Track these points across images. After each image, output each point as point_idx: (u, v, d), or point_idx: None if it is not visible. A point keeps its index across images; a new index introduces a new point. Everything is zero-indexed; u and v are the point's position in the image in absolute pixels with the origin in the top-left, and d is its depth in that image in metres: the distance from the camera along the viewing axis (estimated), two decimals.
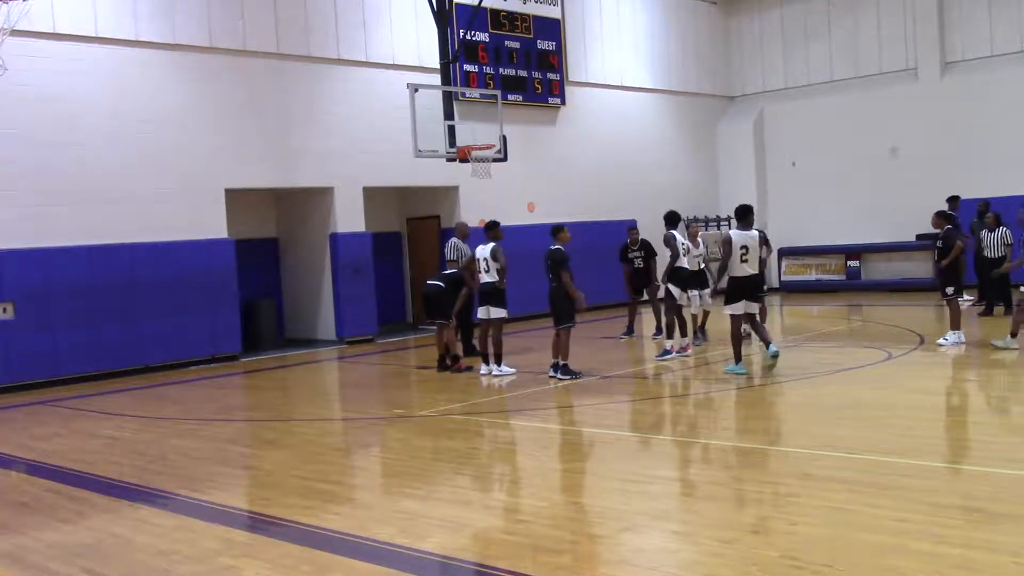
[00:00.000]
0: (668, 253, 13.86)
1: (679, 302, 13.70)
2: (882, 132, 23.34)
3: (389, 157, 18.04)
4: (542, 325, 13.81)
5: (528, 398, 11.29)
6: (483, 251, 12.91)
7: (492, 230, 13.04)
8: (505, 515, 6.50)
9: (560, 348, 12.21)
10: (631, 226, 16.58)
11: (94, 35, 14.96)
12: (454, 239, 14.77)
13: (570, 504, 6.77)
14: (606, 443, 8.74)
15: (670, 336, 13.67)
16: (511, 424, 10.14)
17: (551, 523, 6.20)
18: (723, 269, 11.89)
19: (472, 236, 14.91)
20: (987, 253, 16.30)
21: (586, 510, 6.63)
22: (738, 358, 11.68)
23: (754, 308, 11.88)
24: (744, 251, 11.61)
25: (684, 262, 13.70)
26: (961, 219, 14.91)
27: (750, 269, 11.68)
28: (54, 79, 14.47)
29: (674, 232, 13.84)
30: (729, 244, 11.66)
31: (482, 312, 13.01)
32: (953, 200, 17.84)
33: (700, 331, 14.93)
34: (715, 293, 13.88)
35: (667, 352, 13.35)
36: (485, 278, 12.87)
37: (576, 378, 12.02)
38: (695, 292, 14.85)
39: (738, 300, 11.70)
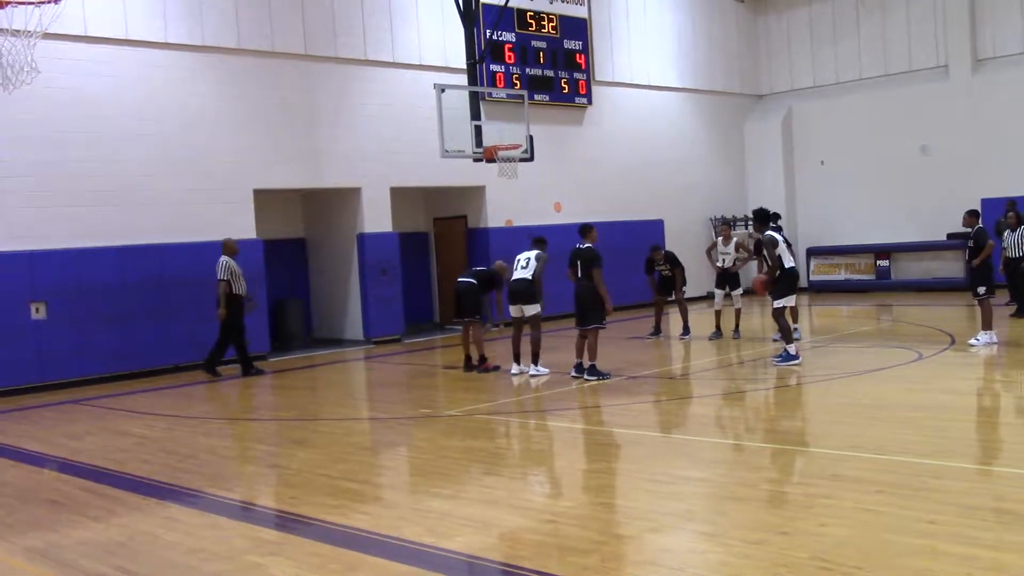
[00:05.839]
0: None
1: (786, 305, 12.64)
2: (912, 130, 23.11)
3: (416, 157, 18.09)
4: (567, 325, 13.79)
5: (554, 398, 11.29)
6: (526, 253, 12.95)
7: (539, 244, 13.13)
8: (532, 515, 6.49)
9: (589, 349, 12.17)
10: (654, 246, 16.63)
11: (124, 37, 15.11)
12: (223, 257, 14.34)
13: (597, 504, 6.75)
14: (633, 443, 8.72)
15: (789, 342, 12.37)
16: (537, 424, 10.14)
17: (578, 523, 6.19)
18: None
19: (240, 253, 14.66)
20: (1009, 253, 16.12)
21: (613, 510, 6.62)
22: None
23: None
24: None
25: (788, 260, 12.59)
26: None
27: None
28: (85, 81, 14.63)
29: (773, 234, 12.76)
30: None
31: (514, 311, 12.97)
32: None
33: (734, 329, 15.60)
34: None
35: (791, 356, 12.21)
36: (517, 274, 12.83)
37: (604, 379, 11.99)
38: (727, 291, 15.64)
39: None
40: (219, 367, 14.73)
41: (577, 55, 21.42)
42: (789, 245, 13.02)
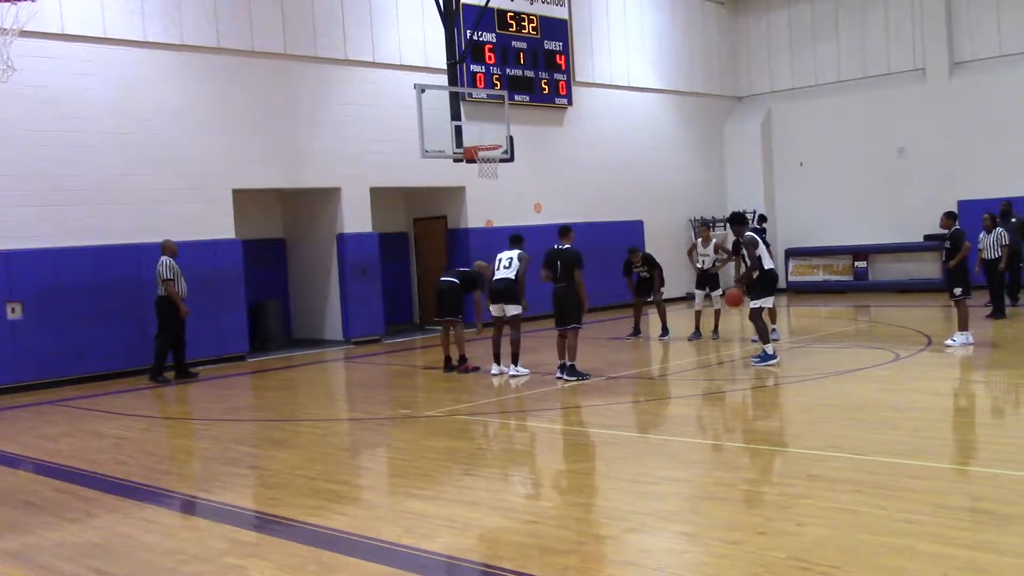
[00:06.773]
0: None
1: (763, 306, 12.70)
2: (890, 132, 23.30)
3: (396, 158, 18.06)
4: (546, 326, 13.80)
5: (535, 399, 11.29)
6: (507, 252, 13.00)
7: (518, 242, 13.21)
8: (512, 515, 6.49)
9: (568, 349, 12.19)
10: (632, 248, 16.62)
11: (102, 36, 15.00)
12: (165, 257, 14.16)
13: (577, 505, 6.76)
14: (612, 443, 8.74)
15: (766, 342, 12.49)
16: (517, 424, 10.14)
17: (557, 524, 6.19)
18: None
19: (180, 254, 14.48)
20: (985, 255, 16.26)
21: (593, 511, 6.62)
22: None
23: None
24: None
25: (767, 261, 12.61)
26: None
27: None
28: (63, 80, 14.51)
29: (753, 235, 12.74)
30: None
31: (495, 311, 12.98)
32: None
33: (712, 330, 15.77)
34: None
35: (769, 357, 12.30)
36: (500, 274, 12.84)
37: (583, 379, 12.01)
38: (707, 292, 15.77)
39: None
40: (191, 368, 14.71)
41: (557, 56, 21.44)
42: (768, 246, 13.08)
